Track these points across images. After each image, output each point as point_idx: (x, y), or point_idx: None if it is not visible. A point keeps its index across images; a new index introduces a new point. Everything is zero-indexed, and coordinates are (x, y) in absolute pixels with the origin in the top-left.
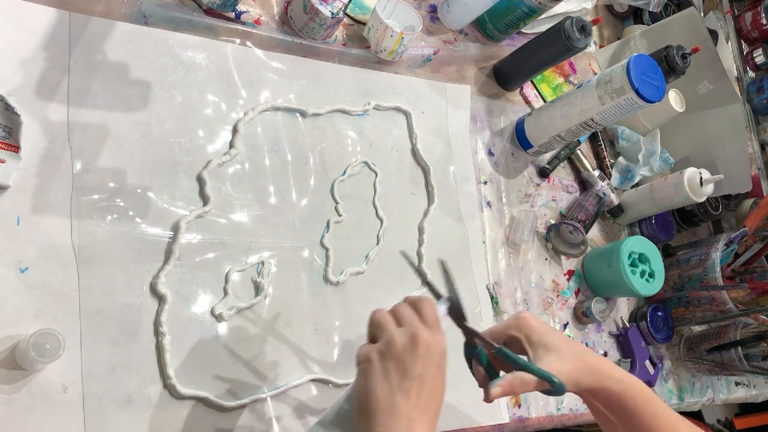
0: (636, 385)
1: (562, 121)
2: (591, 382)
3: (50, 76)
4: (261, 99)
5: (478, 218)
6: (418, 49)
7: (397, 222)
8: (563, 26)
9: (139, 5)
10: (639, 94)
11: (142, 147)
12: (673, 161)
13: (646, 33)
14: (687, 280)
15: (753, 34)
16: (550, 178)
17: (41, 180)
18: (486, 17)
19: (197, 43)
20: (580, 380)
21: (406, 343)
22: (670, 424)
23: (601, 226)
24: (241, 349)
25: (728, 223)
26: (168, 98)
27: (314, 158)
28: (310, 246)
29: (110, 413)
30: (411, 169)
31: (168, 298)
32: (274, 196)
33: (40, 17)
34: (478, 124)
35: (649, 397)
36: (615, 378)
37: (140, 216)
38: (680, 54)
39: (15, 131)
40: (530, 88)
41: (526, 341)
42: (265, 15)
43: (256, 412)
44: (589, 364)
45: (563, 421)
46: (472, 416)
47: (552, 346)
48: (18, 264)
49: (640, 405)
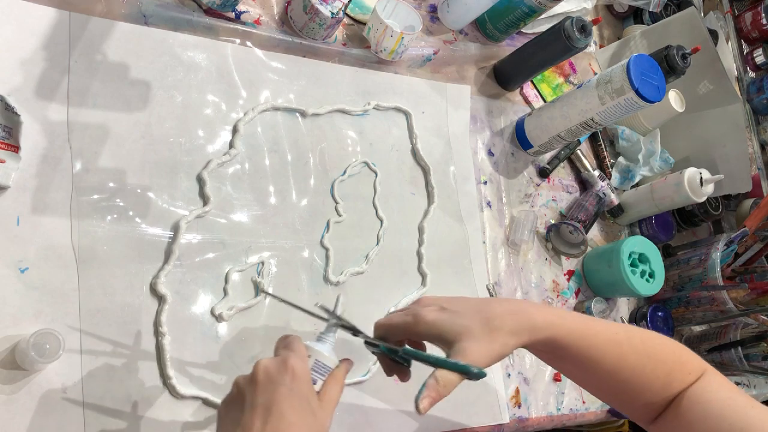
0: (565, 325)
1: (562, 121)
2: (516, 344)
3: (50, 76)
4: (261, 99)
5: (478, 218)
6: (418, 49)
7: (397, 222)
8: (563, 26)
9: (139, 5)
10: (639, 94)
11: (142, 147)
12: (673, 161)
13: (646, 33)
14: (687, 280)
15: (753, 34)
16: (550, 178)
17: (41, 180)
18: (486, 17)
19: (197, 43)
20: (503, 350)
21: (245, 377)
22: (610, 354)
23: (601, 226)
24: (241, 349)
25: (728, 223)
26: (168, 98)
27: (314, 158)
28: (310, 246)
29: (110, 413)
30: (411, 169)
31: (168, 298)
32: (274, 196)
33: (40, 17)
34: (478, 124)
35: (582, 334)
36: (538, 328)
37: (140, 216)
38: (680, 54)
39: (15, 131)
40: (530, 88)
41: (432, 338)
42: (265, 15)
43: None
44: (506, 330)
45: (563, 421)
46: (472, 416)
47: (458, 332)
48: (18, 264)
49: (573, 343)
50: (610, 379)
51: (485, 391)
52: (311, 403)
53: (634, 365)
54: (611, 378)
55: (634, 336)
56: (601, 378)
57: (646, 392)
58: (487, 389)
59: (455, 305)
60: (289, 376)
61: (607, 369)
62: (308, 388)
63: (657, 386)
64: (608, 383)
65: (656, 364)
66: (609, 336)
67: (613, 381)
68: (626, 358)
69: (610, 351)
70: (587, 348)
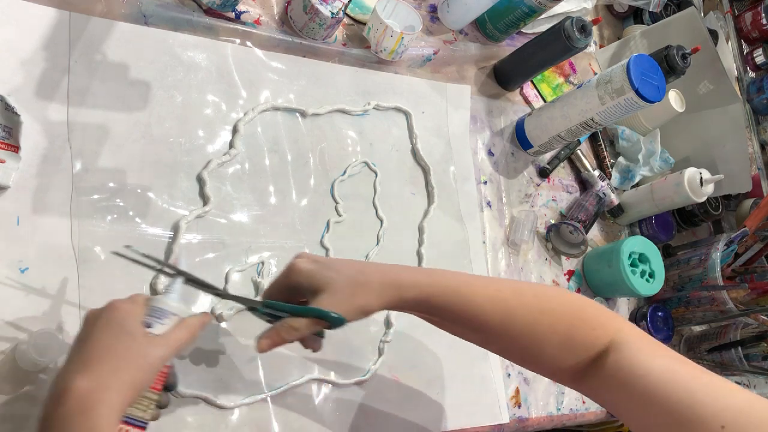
0: (436, 283)
1: (562, 121)
2: (381, 303)
3: (50, 76)
4: (261, 99)
5: (478, 218)
6: (418, 49)
7: (397, 222)
8: (563, 26)
9: (139, 5)
10: (639, 94)
11: (142, 147)
12: (673, 161)
13: (646, 33)
14: (687, 280)
15: (753, 34)
16: (550, 178)
17: (41, 180)
18: (486, 17)
19: (197, 43)
20: (366, 307)
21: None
22: (495, 311)
23: (601, 226)
24: (241, 349)
25: (728, 223)
26: (168, 98)
27: (314, 158)
28: (310, 246)
29: None
30: (411, 169)
31: None
32: (274, 196)
33: (40, 17)
34: (478, 124)
35: (458, 291)
36: (404, 287)
37: (140, 216)
38: (680, 54)
39: (15, 131)
40: (530, 88)
41: (303, 288)
42: (265, 15)
43: (256, 412)
44: (371, 287)
45: (563, 421)
46: (472, 416)
47: (324, 282)
48: (18, 264)
49: (449, 302)
50: (503, 338)
51: (485, 391)
52: (134, 333)
53: (524, 322)
54: (503, 336)
55: (524, 292)
56: (493, 337)
57: (547, 349)
58: (487, 389)
59: (330, 261)
60: (108, 311)
61: (495, 327)
62: (131, 321)
63: (556, 342)
64: (503, 342)
65: (552, 320)
66: (491, 292)
67: (507, 339)
68: (514, 314)
69: (493, 308)
70: (466, 306)
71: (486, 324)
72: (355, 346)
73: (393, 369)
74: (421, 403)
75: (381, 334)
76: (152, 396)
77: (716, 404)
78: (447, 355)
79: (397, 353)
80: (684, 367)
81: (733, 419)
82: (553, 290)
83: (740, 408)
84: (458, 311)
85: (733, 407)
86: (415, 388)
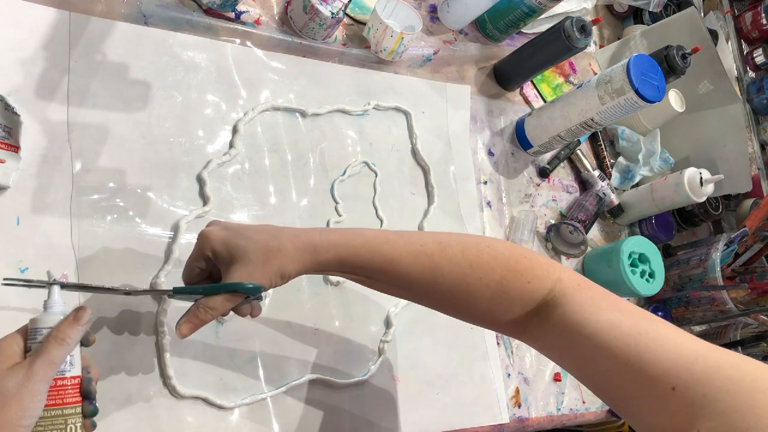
0: (353, 242)
1: (562, 121)
2: (297, 267)
3: (50, 76)
4: (261, 99)
5: (478, 218)
6: (418, 49)
7: (397, 222)
8: (563, 26)
9: (139, 5)
10: (639, 94)
11: (142, 147)
12: (673, 161)
13: (646, 33)
14: (687, 280)
15: (753, 34)
16: (550, 178)
17: (41, 180)
18: (486, 17)
19: (197, 43)
20: (282, 272)
21: None
22: (419, 267)
23: (601, 226)
24: (240, 349)
25: (728, 223)
26: (168, 98)
27: (314, 158)
28: None
29: (110, 413)
30: (411, 169)
31: (168, 298)
32: (274, 196)
33: (40, 17)
34: (478, 124)
35: (377, 249)
36: (320, 249)
37: (140, 216)
38: (680, 54)
39: (15, 131)
40: (530, 88)
41: (217, 257)
42: (265, 15)
43: (256, 412)
44: (285, 252)
45: (563, 421)
46: (472, 416)
47: (236, 250)
48: (18, 264)
49: (369, 260)
50: (433, 294)
51: (485, 391)
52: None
53: (452, 277)
54: (432, 293)
55: (451, 245)
56: (422, 294)
57: (480, 303)
58: (487, 389)
59: (242, 228)
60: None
61: (422, 284)
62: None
63: (488, 296)
64: (433, 298)
65: (481, 274)
66: (414, 248)
67: (436, 295)
68: (440, 269)
69: (418, 264)
70: (388, 263)
71: (412, 281)
72: (354, 346)
73: (393, 369)
74: (421, 403)
75: (381, 334)
76: (68, 411)
77: (665, 363)
78: (447, 355)
79: (397, 353)
80: (630, 319)
81: (680, 378)
82: (485, 241)
83: (688, 365)
84: (381, 270)
85: (681, 365)
86: (415, 388)
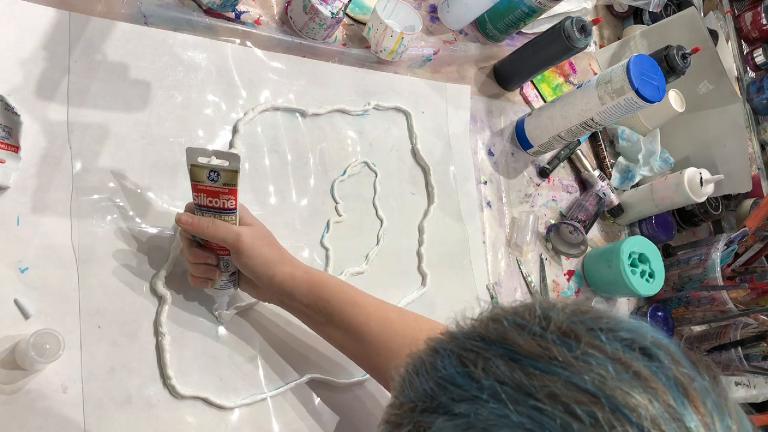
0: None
1: (562, 121)
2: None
3: (50, 76)
4: (261, 99)
5: (478, 218)
6: (418, 49)
7: (397, 222)
8: (563, 26)
9: (139, 5)
10: (639, 94)
11: (142, 147)
12: (673, 161)
13: (646, 33)
14: (687, 280)
15: (753, 34)
16: (550, 178)
17: (41, 180)
18: (486, 17)
19: (197, 43)
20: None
21: None
22: (368, 306)
23: (601, 226)
24: (241, 349)
25: (728, 223)
26: (168, 98)
27: (314, 158)
28: (310, 246)
29: (110, 413)
30: (411, 169)
31: (168, 298)
32: (274, 196)
33: (40, 17)
34: (478, 124)
35: (342, 288)
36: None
37: (140, 216)
38: (680, 54)
39: (15, 131)
40: (530, 88)
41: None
42: (265, 15)
43: (256, 412)
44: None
45: None
46: None
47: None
48: (18, 264)
49: (335, 295)
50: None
51: None
52: None
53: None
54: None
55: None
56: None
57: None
58: None
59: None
60: None
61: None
62: None
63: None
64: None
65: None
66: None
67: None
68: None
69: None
70: (349, 305)
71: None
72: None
73: None
74: None
75: None
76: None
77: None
78: None
79: None
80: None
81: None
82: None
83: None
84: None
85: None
86: None
